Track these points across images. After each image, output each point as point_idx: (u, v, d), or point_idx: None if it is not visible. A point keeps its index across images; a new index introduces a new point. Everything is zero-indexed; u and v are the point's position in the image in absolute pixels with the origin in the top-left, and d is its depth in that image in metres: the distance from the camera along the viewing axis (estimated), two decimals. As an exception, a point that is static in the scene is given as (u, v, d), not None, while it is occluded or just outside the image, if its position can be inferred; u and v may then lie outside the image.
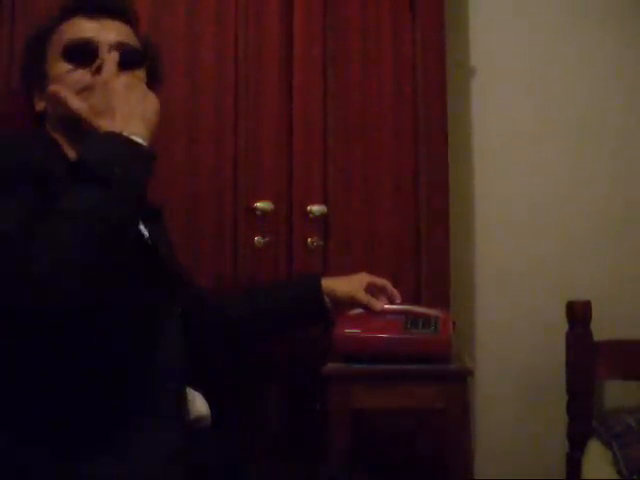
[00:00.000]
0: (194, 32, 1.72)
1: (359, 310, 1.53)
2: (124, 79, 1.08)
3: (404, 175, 1.84)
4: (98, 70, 1.14)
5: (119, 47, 1.19)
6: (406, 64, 1.85)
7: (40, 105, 1.23)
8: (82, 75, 1.15)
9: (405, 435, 1.78)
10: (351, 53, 1.84)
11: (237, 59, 1.75)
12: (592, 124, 2.00)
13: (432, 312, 1.53)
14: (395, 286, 1.57)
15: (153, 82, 1.27)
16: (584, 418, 1.77)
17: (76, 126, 1.14)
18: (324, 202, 1.77)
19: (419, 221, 1.83)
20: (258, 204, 1.69)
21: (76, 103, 1.07)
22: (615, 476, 1.55)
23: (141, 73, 1.23)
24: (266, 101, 1.77)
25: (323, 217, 1.76)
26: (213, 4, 1.74)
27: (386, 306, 1.53)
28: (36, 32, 1.26)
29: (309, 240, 1.75)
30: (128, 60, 1.18)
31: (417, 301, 1.77)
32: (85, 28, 1.19)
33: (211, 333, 1.39)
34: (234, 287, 1.72)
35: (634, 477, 1.52)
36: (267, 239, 1.71)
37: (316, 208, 1.75)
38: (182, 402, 1.13)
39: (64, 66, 1.17)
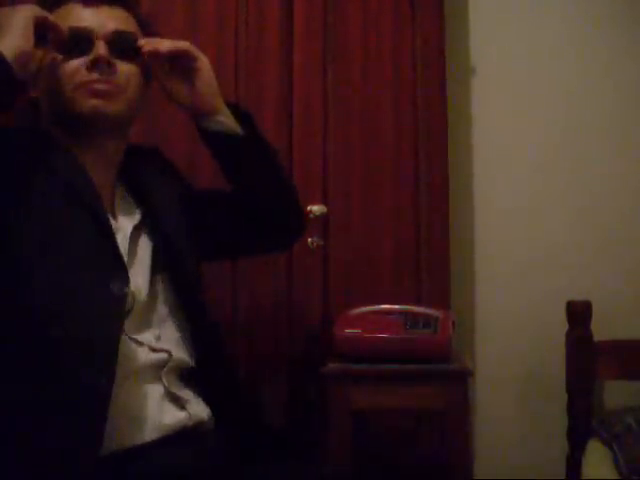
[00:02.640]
0: (194, 32, 1.72)
1: (359, 310, 1.53)
2: None
3: (404, 175, 1.84)
4: (93, 64, 1.13)
5: (116, 36, 1.16)
6: (406, 64, 1.85)
7: (34, 94, 1.20)
8: (77, 65, 1.13)
9: (405, 435, 1.78)
10: (351, 53, 1.84)
11: (237, 58, 1.76)
12: (593, 123, 2.00)
13: (432, 312, 1.54)
14: (395, 286, 1.57)
15: (149, 74, 1.25)
16: (584, 418, 1.77)
17: (70, 118, 1.14)
18: (324, 202, 1.77)
19: (419, 221, 1.83)
20: (258, 204, 1.69)
21: None
22: (615, 476, 1.54)
23: (138, 62, 1.20)
24: (266, 101, 1.77)
25: (323, 217, 1.76)
26: (213, 3, 1.75)
27: (386, 306, 1.54)
28: None
29: (309, 240, 1.75)
30: (124, 49, 1.17)
31: (417, 301, 1.77)
32: (81, 16, 1.16)
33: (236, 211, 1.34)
34: (234, 287, 1.72)
35: (634, 477, 1.52)
36: (267, 239, 1.70)
37: (316, 208, 1.75)
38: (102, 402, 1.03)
39: (59, 54, 1.14)
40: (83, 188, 1.13)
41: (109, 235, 1.12)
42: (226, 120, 1.25)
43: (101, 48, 1.14)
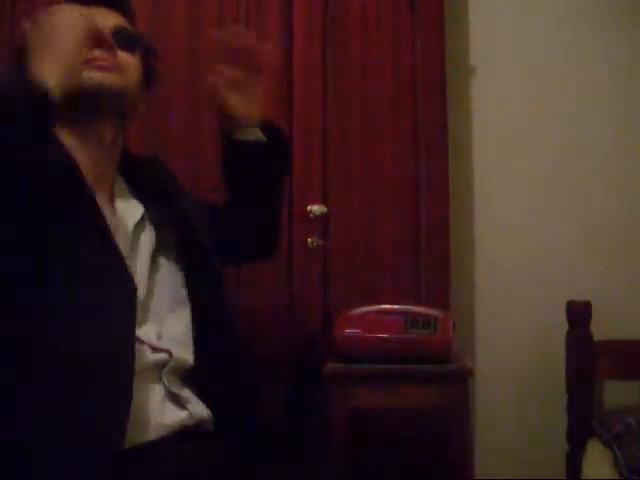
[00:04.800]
0: (194, 33, 1.72)
1: (359, 310, 1.53)
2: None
3: (404, 175, 1.84)
4: (97, 44, 1.14)
5: (117, 28, 1.18)
6: (406, 64, 1.85)
7: None
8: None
9: (405, 435, 1.78)
10: (351, 53, 1.84)
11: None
12: (591, 124, 2.00)
13: (432, 312, 1.54)
14: (395, 286, 1.57)
15: (148, 76, 1.26)
16: (584, 418, 1.77)
17: (74, 96, 1.14)
18: (324, 202, 1.77)
19: (419, 221, 1.83)
20: (258, 204, 1.69)
21: None
22: (615, 476, 1.54)
23: (137, 58, 1.22)
24: (266, 101, 1.77)
25: (323, 217, 1.76)
26: (214, 6, 1.75)
27: (386, 306, 1.53)
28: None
29: (309, 240, 1.75)
30: (125, 41, 1.18)
31: (417, 301, 1.77)
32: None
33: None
34: (235, 287, 1.72)
35: (634, 477, 1.52)
36: (267, 239, 1.70)
37: (316, 208, 1.75)
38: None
39: None
40: (77, 189, 1.11)
41: (109, 235, 1.12)
42: (258, 131, 1.33)
43: (104, 32, 1.16)
